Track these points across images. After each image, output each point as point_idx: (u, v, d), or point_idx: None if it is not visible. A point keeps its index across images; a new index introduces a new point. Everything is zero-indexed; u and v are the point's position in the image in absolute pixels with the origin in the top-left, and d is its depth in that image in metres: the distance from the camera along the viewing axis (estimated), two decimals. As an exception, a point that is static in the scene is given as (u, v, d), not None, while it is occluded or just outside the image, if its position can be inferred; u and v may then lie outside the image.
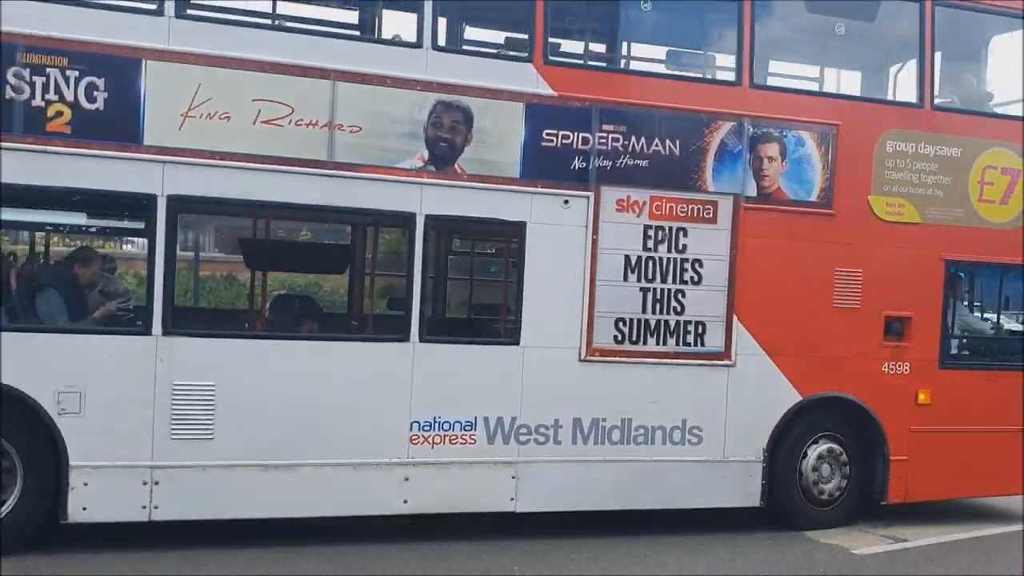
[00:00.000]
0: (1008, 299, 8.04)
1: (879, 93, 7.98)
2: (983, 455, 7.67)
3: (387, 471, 6.23)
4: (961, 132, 7.60)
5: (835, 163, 7.18)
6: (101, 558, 5.59)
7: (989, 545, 7.19)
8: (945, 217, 7.53)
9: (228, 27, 6.05)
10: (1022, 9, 7.77)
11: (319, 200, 6.06)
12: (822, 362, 7.24)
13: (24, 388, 5.48)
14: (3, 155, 5.40)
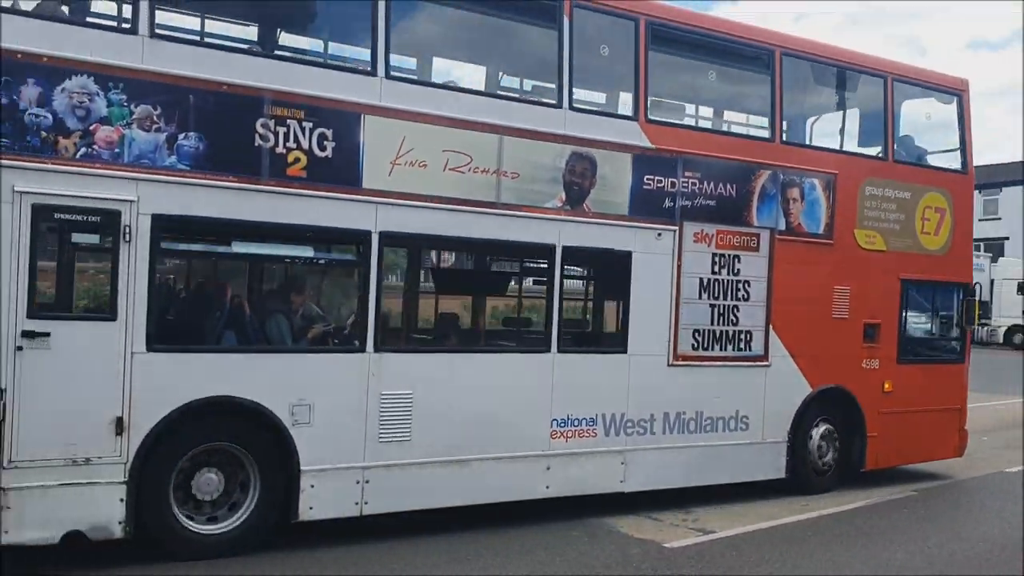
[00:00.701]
0: (938, 308, 10.44)
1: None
2: (928, 429, 10.03)
3: (533, 462, 7.49)
4: (911, 180, 9.91)
5: (835, 203, 9.22)
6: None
7: (788, 533, 7.61)
8: (901, 245, 9.80)
9: (425, 88, 7.09)
10: (954, 86, 10.23)
11: (489, 235, 7.24)
12: (824, 361, 9.24)
13: (263, 402, 6.26)
14: (252, 196, 6.17)
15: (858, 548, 7.27)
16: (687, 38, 8.40)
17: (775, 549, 7.14)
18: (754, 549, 7.10)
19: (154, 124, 5.84)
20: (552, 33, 7.50)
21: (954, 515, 8.80)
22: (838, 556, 7.03)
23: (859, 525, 8.01)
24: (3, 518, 5.45)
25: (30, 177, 5.49)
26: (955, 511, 8.98)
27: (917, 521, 8.34)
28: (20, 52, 5.46)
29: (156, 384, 5.88)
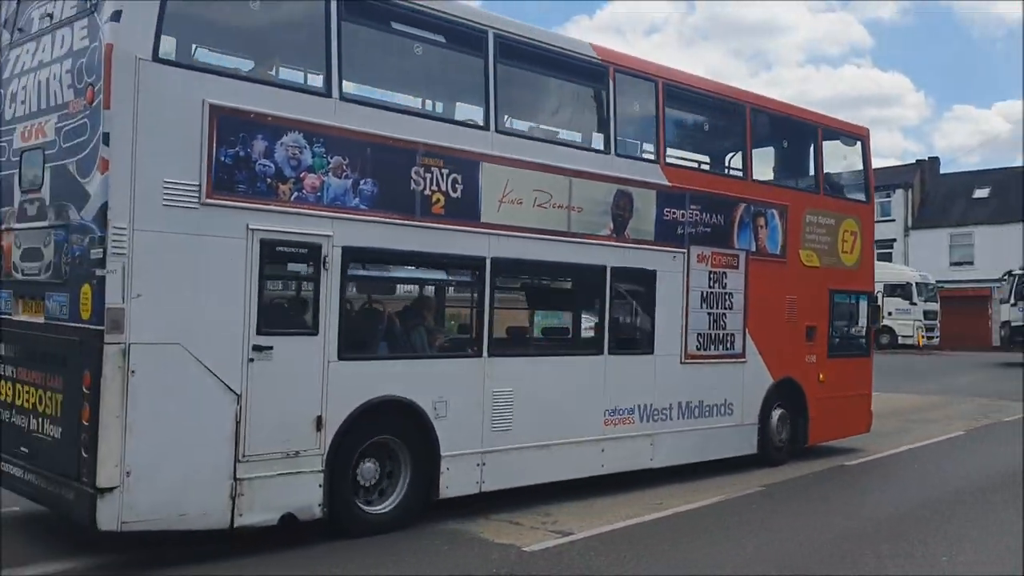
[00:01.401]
0: (852, 312, 13.02)
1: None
2: (848, 411, 12.54)
3: (593, 445, 9.20)
4: (834, 209, 12.40)
5: (787, 229, 11.52)
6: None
7: (645, 531, 7.82)
8: (829, 262, 12.25)
9: (521, 139, 8.66)
10: (859, 133, 12.87)
11: (563, 258, 8.90)
12: (780, 357, 11.49)
13: (416, 400, 7.65)
14: (409, 230, 7.57)
15: (712, 544, 7.49)
16: (690, 96, 10.42)
17: (632, 548, 7.26)
18: (611, 549, 7.21)
19: (344, 172, 7.13)
20: (602, 92, 9.28)
21: (801, 508, 9.10)
22: (691, 553, 7.21)
23: (712, 521, 8.30)
24: (238, 504, 6.56)
25: (259, 216, 6.65)
26: (801, 504, 9.28)
27: (767, 515, 8.64)
28: (254, 113, 6.62)
29: (344, 387, 7.13)
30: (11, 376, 7.01)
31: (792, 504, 9.28)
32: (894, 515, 8.75)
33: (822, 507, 9.18)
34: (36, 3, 7.20)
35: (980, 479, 10.62)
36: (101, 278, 5.96)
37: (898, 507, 9.13)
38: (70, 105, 6.38)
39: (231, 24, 7.13)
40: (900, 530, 8.09)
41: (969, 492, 9.85)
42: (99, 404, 5.94)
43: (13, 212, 7.06)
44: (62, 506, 6.38)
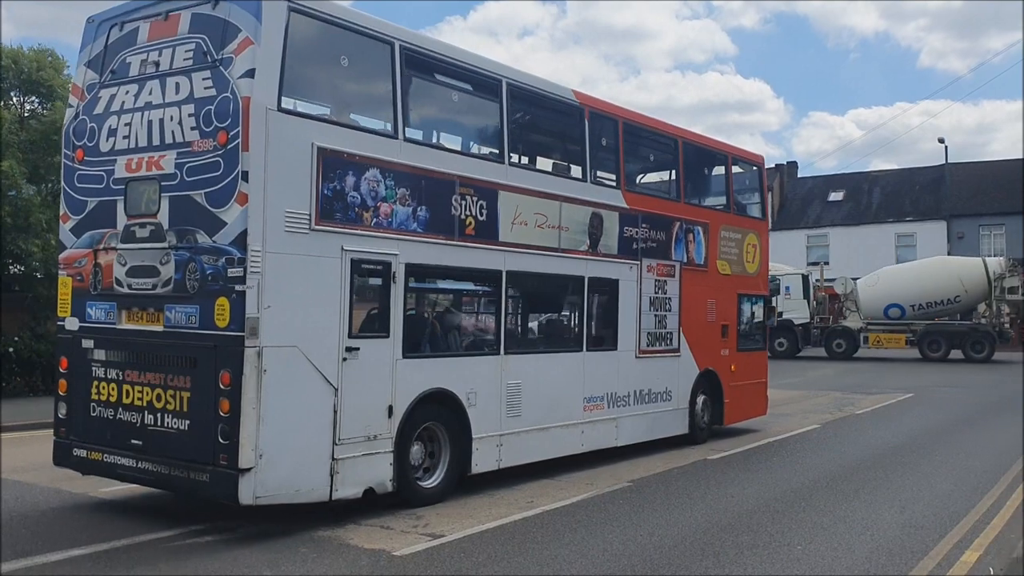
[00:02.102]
0: (753, 312, 15.37)
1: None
2: (752, 396, 14.91)
3: (576, 428, 10.94)
4: (741, 225, 14.70)
5: (708, 243, 13.69)
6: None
7: (515, 531, 7.94)
8: (737, 270, 14.54)
9: (526, 170, 10.26)
10: (756, 160, 15.27)
11: (554, 270, 10.57)
12: (703, 351, 13.62)
13: (452, 389, 9.13)
14: (450, 248, 9.06)
15: (580, 541, 7.62)
16: (641, 132, 12.36)
17: (502, 548, 7.36)
18: (481, 550, 7.30)
19: (406, 201, 8.53)
20: (579, 129, 11.05)
21: (666, 502, 9.29)
22: (560, 551, 7.32)
23: (580, 518, 8.45)
24: (335, 481, 7.86)
25: (350, 239, 7.97)
26: (667, 498, 9.47)
27: (633, 510, 8.88)
28: (347, 153, 7.94)
29: (407, 381, 8.53)
30: (116, 378, 7.96)
31: (657, 499, 9.42)
32: (753, 508, 9.08)
33: (686, 501, 9.37)
34: (130, 49, 8.18)
35: (833, 469, 11.34)
36: (241, 292, 7.12)
37: (757, 499, 9.50)
38: (194, 144, 7.46)
39: (323, 80, 8.38)
40: (759, 522, 8.43)
41: (823, 483, 10.46)
42: (240, 398, 7.10)
43: (116, 234, 8.01)
44: (191, 487, 7.46)
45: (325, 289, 7.77)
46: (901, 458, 12.27)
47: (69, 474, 9.30)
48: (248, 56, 7.25)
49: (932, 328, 35.78)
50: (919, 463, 11.91)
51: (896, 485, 10.36)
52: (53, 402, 8.70)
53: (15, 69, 18.46)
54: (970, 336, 34.93)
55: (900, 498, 9.63)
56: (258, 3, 7.29)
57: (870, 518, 8.67)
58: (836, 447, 13.38)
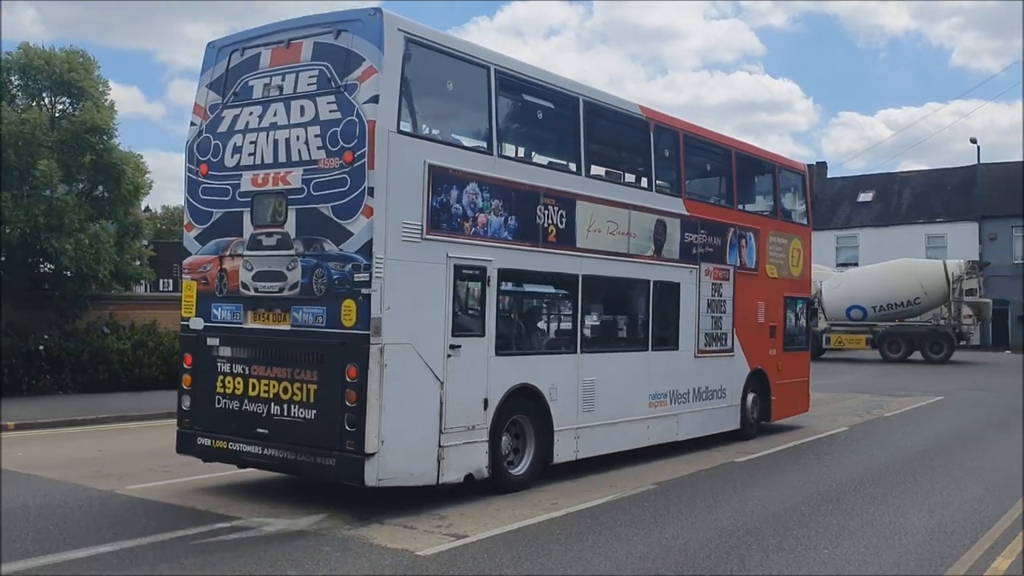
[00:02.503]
0: (797, 314, 16.14)
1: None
2: (796, 394, 15.71)
3: (642, 423, 11.77)
4: (787, 231, 15.50)
5: (759, 248, 14.49)
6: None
7: (537, 532, 7.94)
8: (783, 274, 15.33)
9: (599, 181, 11.09)
10: (801, 169, 16.05)
11: (624, 274, 11.41)
12: (753, 351, 14.43)
13: (536, 384, 9.97)
14: (535, 254, 9.89)
15: (604, 544, 7.61)
16: (698, 143, 13.18)
17: (525, 549, 7.39)
18: (505, 551, 7.32)
19: (499, 211, 9.38)
20: (645, 141, 11.88)
21: (691, 505, 9.27)
22: (583, 552, 7.32)
23: (604, 520, 8.43)
24: (441, 466, 8.71)
25: (453, 247, 8.83)
26: (692, 501, 9.46)
27: (658, 513, 8.87)
28: (451, 169, 8.81)
29: (498, 377, 9.37)
30: (242, 373, 8.84)
31: (683, 501, 9.43)
32: (780, 511, 9.07)
33: (711, 504, 9.36)
34: (252, 73, 9.06)
35: (861, 473, 11.32)
36: (367, 295, 7.99)
37: (784, 503, 9.49)
38: (320, 162, 8.34)
39: (431, 102, 9.25)
40: (785, 525, 8.42)
41: (851, 486, 10.43)
42: (366, 389, 7.97)
43: (243, 242, 8.90)
44: (317, 471, 8.34)
45: (433, 292, 8.63)
46: (930, 462, 12.34)
47: (96, 471, 10.27)
48: (372, 83, 8.12)
49: (892, 329, 36.84)
50: (949, 467, 11.93)
51: (925, 489, 10.38)
52: (176, 396, 9.57)
53: (47, 70, 18.62)
54: (929, 337, 36.02)
55: (929, 502, 9.64)
56: (380, 34, 8.16)
57: (898, 522, 8.65)
58: (864, 450, 13.41)
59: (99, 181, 19.38)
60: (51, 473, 10.29)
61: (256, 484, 9.79)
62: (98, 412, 15.65)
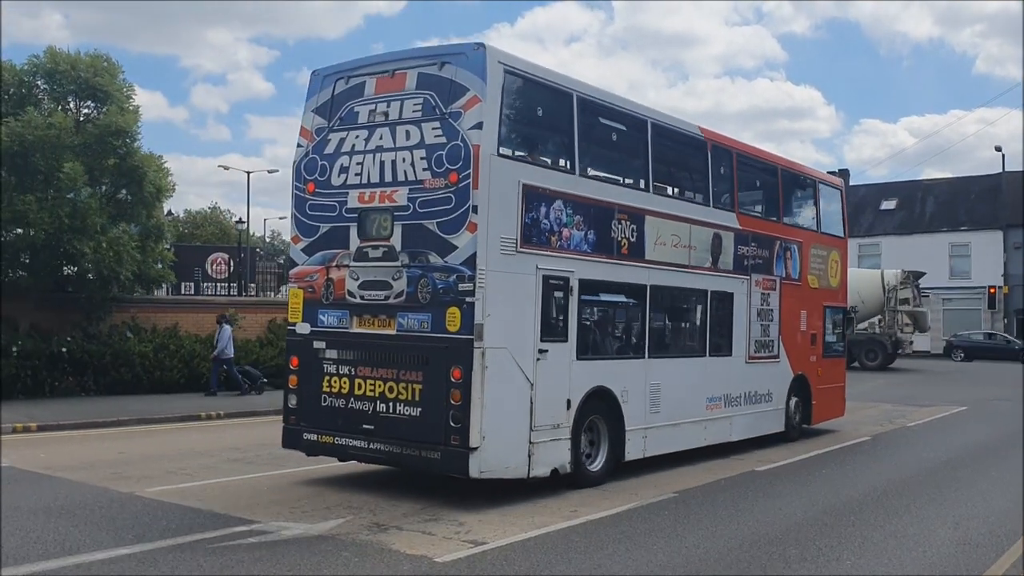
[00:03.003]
0: (835, 322, 16.97)
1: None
2: (833, 399, 16.56)
3: (700, 424, 12.64)
4: (826, 244, 16.36)
5: (802, 260, 15.35)
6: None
7: (557, 540, 7.98)
8: (822, 284, 16.19)
9: (664, 197, 11.99)
10: (838, 184, 16.91)
11: (685, 284, 12.30)
12: (797, 357, 15.28)
13: (610, 387, 10.84)
14: (609, 266, 10.78)
15: (624, 552, 7.63)
16: (749, 161, 14.07)
17: (544, 556, 7.39)
18: (524, 558, 7.32)
19: (580, 226, 10.28)
20: (703, 161, 12.78)
21: (712, 514, 9.25)
22: (603, 560, 7.34)
23: (624, 529, 8.46)
24: (531, 461, 9.59)
25: (542, 259, 9.73)
26: (713, 510, 9.46)
27: (678, 521, 8.89)
28: (541, 187, 9.71)
29: (579, 379, 10.26)
30: (348, 373, 9.74)
31: (703, 510, 9.41)
32: (801, 521, 9.05)
33: (732, 513, 9.32)
34: (357, 100, 9.98)
35: (884, 483, 11.27)
36: (470, 303, 8.89)
37: (806, 513, 9.47)
38: (425, 182, 9.25)
39: (524, 125, 10.16)
40: (807, 535, 8.41)
41: (874, 497, 10.40)
42: (470, 389, 8.86)
43: (349, 254, 9.80)
44: (422, 464, 9.23)
45: (524, 301, 9.53)
46: (955, 473, 12.25)
47: (117, 473, 10.70)
48: (476, 112, 9.03)
49: None
50: (974, 479, 11.82)
51: (950, 500, 10.31)
52: (283, 395, 10.49)
53: (72, 74, 18.93)
54: (865, 345, 36.94)
55: (954, 514, 9.55)
56: (483, 66, 9.07)
57: (922, 534, 8.60)
58: (887, 460, 13.43)
59: (122, 184, 19.71)
60: (72, 474, 10.58)
61: (274, 488, 10.12)
62: (119, 414, 15.97)
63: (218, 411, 17.45)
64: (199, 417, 16.90)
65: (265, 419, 16.37)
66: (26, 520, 8.31)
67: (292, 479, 10.57)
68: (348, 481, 10.55)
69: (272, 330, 22.88)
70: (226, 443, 13.60)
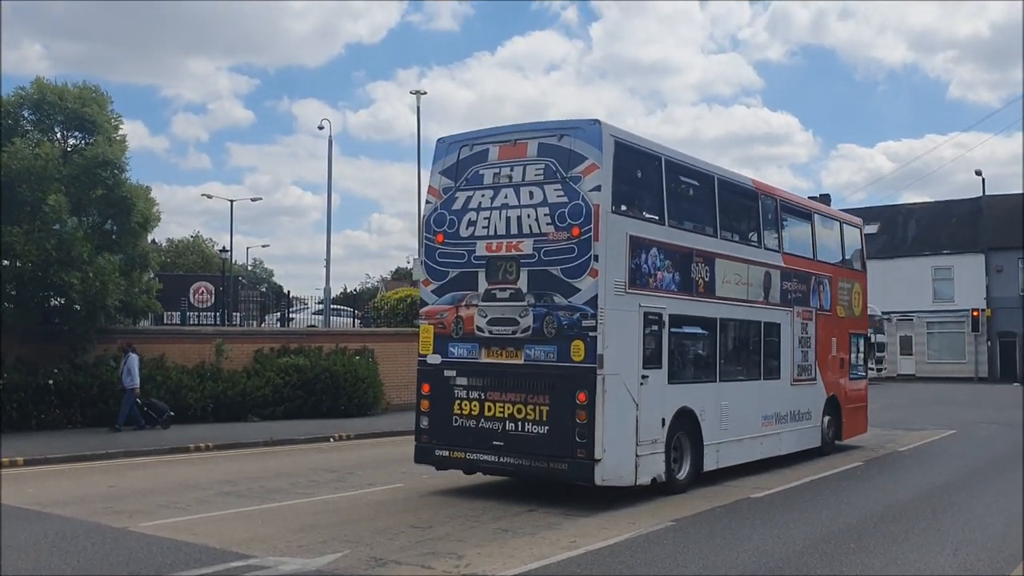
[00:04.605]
0: (858, 347, 18.98)
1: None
2: (859, 417, 18.59)
3: (757, 439, 14.56)
4: (850, 277, 18.45)
5: (832, 292, 17.39)
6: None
7: (558, 573, 8.02)
8: (848, 314, 18.25)
9: (727, 241, 13.95)
10: (858, 223, 19.05)
11: (744, 317, 14.27)
12: (829, 380, 17.28)
13: (692, 407, 12.71)
14: (688, 302, 12.70)
15: None
16: (790, 207, 16.13)
17: None
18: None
19: (669, 269, 12.21)
20: (755, 207, 14.79)
21: (711, 544, 9.31)
22: None
23: (623, 558, 8.59)
24: (638, 472, 11.42)
25: (643, 299, 11.65)
26: (711, 539, 9.52)
27: (677, 550, 8.99)
28: (642, 237, 11.64)
29: (671, 400, 12.15)
30: (478, 398, 11.55)
31: (702, 539, 9.53)
32: (802, 549, 9.16)
33: (732, 541, 9.42)
34: (481, 164, 11.86)
35: (880, 510, 11.40)
36: (593, 337, 10.77)
37: (805, 541, 9.54)
38: (549, 235, 11.13)
39: (627, 185, 12.06)
40: (807, 564, 8.55)
41: (871, 523, 10.48)
42: (594, 410, 10.71)
43: (478, 295, 11.64)
44: (550, 474, 11.05)
45: (631, 334, 11.42)
46: (950, 498, 12.40)
47: (109, 507, 10.75)
48: (595, 176, 10.96)
49: None
50: (969, 503, 11.97)
51: (947, 526, 10.45)
52: (415, 417, 12.27)
53: (60, 105, 19.01)
54: None
55: (952, 540, 9.66)
56: (600, 139, 11.01)
57: (923, 561, 8.70)
58: (882, 486, 13.56)
59: (109, 215, 19.75)
60: (63, 510, 10.56)
61: (269, 521, 10.19)
62: (108, 447, 16.01)
63: (208, 443, 17.23)
64: (188, 449, 16.81)
65: (250, 451, 17.07)
66: (19, 559, 8.27)
67: (286, 512, 10.79)
68: (342, 513, 10.78)
69: (258, 360, 23.10)
70: (217, 476, 13.70)
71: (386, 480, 13.35)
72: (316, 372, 23.30)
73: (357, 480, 13.48)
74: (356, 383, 23.85)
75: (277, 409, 22.48)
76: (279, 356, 23.45)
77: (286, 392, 22.80)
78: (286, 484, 12.89)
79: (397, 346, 26.15)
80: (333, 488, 12.63)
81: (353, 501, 11.60)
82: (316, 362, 23.54)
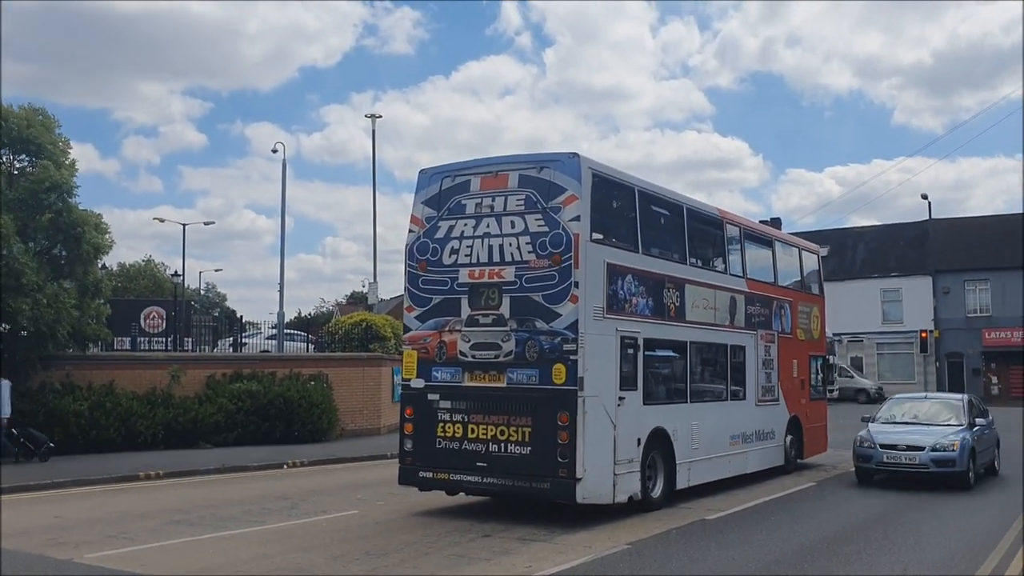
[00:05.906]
0: (817, 369, 19.90)
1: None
2: (819, 436, 19.50)
3: (725, 458, 15.31)
4: (809, 301, 19.40)
5: (792, 316, 18.29)
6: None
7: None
8: (807, 336, 19.18)
9: (696, 268, 14.72)
10: (817, 250, 20.03)
11: (712, 340, 15.05)
12: (791, 400, 18.15)
13: (665, 427, 13.40)
14: (660, 326, 13.41)
15: None
16: (753, 235, 17.01)
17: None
18: None
19: (643, 294, 12.93)
20: (719, 235, 15.61)
21: (666, 567, 9.51)
22: None
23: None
24: (615, 490, 12.04)
25: (620, 323, 12.35)
26: (666, 562, 9.72)
27: (681, 559, 9.49)
28: (619, 264, 12.34)
29: (645, 421, 12.85)
30: (461, 420, 12.10)
31: (657, 562, 9.67)
32: (755, 571, 9.36)
33: (687, 564, 9.60)
34: (464, 194, 12.48)
35: (833, 531, 11.71)
36: (574, 360, 11.41)
37: (759, 562, 9.76)
38: (531, 262, 11.78)
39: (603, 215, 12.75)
40: None
41: (823, 544, 10.75)
42: (575, 430, 11.32)
43: (461, 320, 12.21)
44: (533, 494, 11.63)
45: (608, 357, 12.09)
46: (900, 518, 12.77)
47: (53, 539, 10.50)
48: (575, 207, 11.65)
49: None
50: (919, 522, 12.38)
51: (898, 546, 10.67)
52: (399, 439, 12.76)
53: (4, 127, 18.68)
54: None
55: (903, 559, 9.89)
56: (579, 171, 11.73)
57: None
58: (834, 506, 13.96)
59: (57, 240, 19.50)
60: (5, 542, 10.22)
61: (220, 551, 10.07)
62: (54, 476, 15.63)
63: (158, 471, 16.96)
64: (138, 477, 16.55)
65: (202, 479, 16.93)
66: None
67: (239, 540, 10.73)
68: (296, 540, 10.75)
69: (211, 386, 23.07)
70: (168, 504, 13.51)
71: (340, 507, 13.44)
72: (270, 398, 23.18)
73: (311, 507, 13.45)
74: (310, 409, 23.64)
75: (230, 435, 22.39)
76: (232, 382, 23.38)
77: (239, 418, 22.70)
78: (239, 512, 12.88)
79: (352, 371, 25.89)
80: (286, 515, 12.60)
81: (307, 528, 11.60)
82: (269, 388, 23.44)
